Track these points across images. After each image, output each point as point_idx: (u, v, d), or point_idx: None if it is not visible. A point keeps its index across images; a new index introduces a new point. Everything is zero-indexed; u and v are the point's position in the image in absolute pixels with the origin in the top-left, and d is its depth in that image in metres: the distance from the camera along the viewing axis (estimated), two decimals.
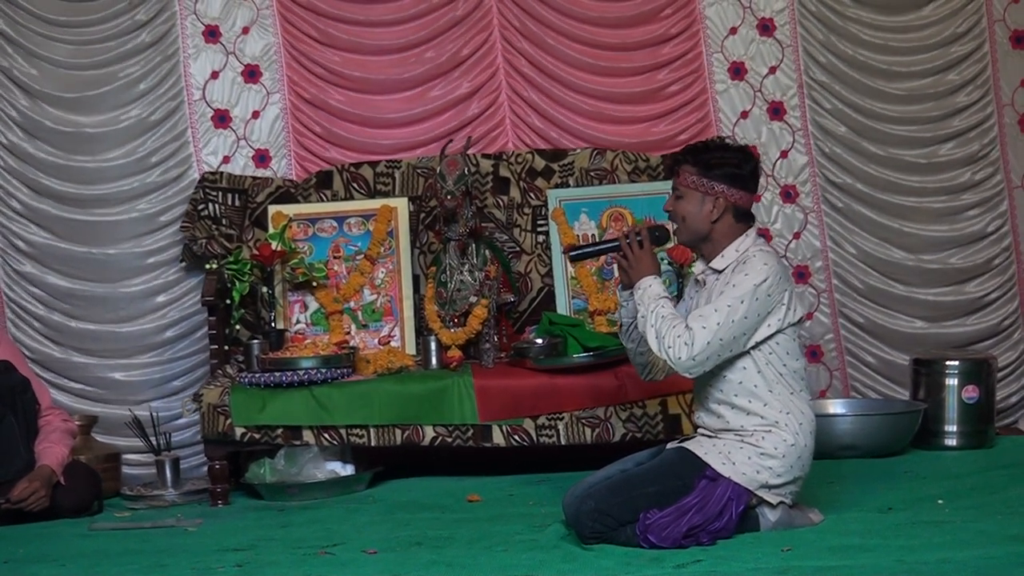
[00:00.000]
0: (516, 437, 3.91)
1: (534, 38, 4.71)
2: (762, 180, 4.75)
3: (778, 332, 3.02)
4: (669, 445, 3.16)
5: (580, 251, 3.31)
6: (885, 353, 4.76)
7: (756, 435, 3.01)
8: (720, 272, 3.07)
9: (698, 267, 3.16)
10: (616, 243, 3.15)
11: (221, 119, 4.67)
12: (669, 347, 2.95)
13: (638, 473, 3.05)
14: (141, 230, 4.61)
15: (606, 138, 4.67)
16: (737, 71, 4.76)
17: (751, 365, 3.02)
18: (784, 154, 4.77)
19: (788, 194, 4.77)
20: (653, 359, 3.23)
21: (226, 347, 4.27)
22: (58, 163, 4.59)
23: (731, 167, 3.06)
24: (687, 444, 3.08)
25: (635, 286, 3.08)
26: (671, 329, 2.96)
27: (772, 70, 4.76)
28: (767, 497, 3.02)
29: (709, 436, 3.09)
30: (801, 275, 4.76)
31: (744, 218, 3.10)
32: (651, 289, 3.04)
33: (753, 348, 3.01)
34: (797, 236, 4.76)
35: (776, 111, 4.77)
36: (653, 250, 3.12)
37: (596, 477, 3.12)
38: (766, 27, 4.76)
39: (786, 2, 4.76)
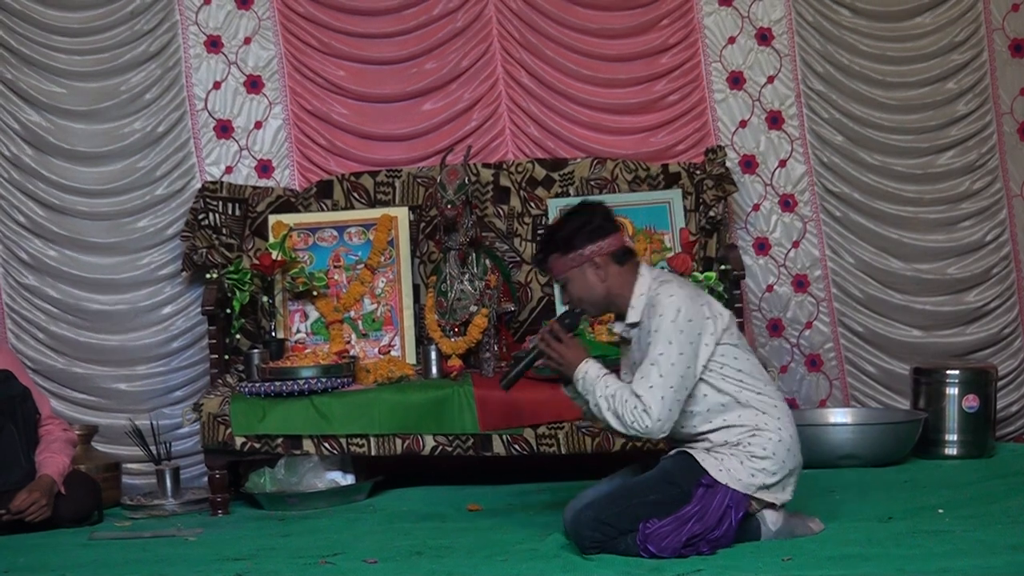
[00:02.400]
0: (516, 446, 3.91)
1: (533, 49, 4.73)
2: (761, 189, 4.78)
3: (717, 344, 3.01)
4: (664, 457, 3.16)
5: (509, 377, 3.21)
6: (885, 362, 4.76)
7: (742, 443, 3.01)
8: (638, 325, 3.07)
9: (617, 327, 3.16)
10: (536, 351, 3.11)
11: (224, 129, 4.68)
12: (632, 422, 2.95)
13: (637, 482, 3.05)
14: (148, 243, 4.62)
15: (604, 149, 4.68)
16: (736, 80, 4.77)
17: (709, 389, 3.02)
18: (782, 163, 4.78)
19: (787, 203, 4.78)
20: None
21: (226, 356, 4.27)
22: (62, 176, 4.60)
23: (584, 227, 3.06)
24: (688, 451, 3.08)
25: (575, 378, 3.05)
26: (624, 405, 2.95)
27: (770, 79, 4.78)
28: (767, 498, 3.02)
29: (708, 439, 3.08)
30: (800, 284, 4.76)
31: (626, 257, 3.09)
32: (589, 375, 3.02)
33: (703, 372, 3.00)
34: (796, 245, 4.77)
35: (774, 120, 4.78)
36: (572, 336, 3.09)
37: (595, 488, 3.12)
38: (764, 36, 4.78)
39: (784, 12, 4.78)
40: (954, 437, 4.34)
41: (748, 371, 3.05)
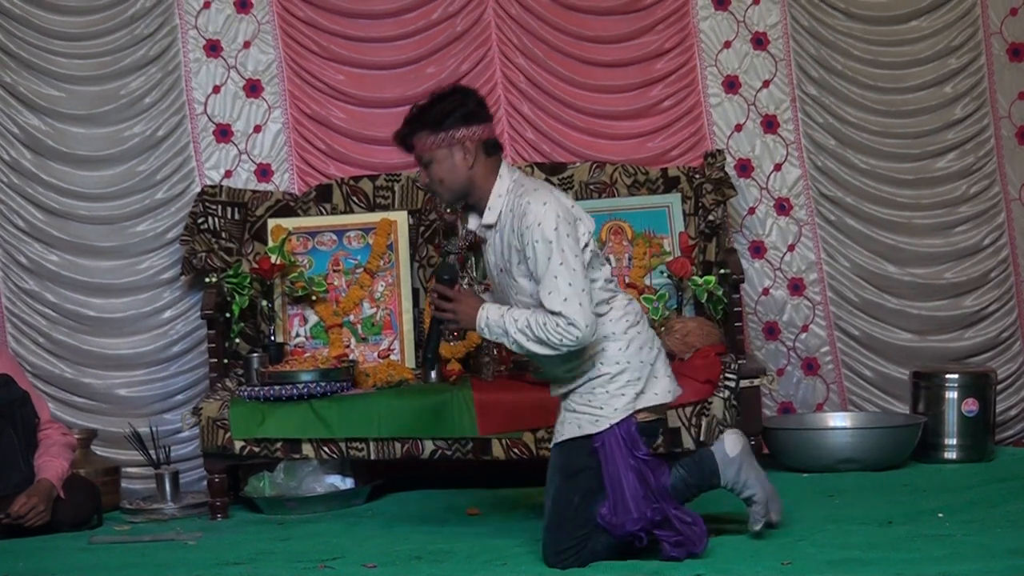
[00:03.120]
0: (516, 450, 3.91)
1: (531, 54, 4.73)
2: (756, 192, 4.78)
3: (584, 246, 2.95)
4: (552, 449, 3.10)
5: (426, 355, 3.23)
6: (882, 366, 4.76)
7: (596, 366, 2.96)
8: (494, 227, 3.01)
9: (472, 222, 3.08)
10: (433, 320, 3.07)
11: (223, 133, 4.69)
12: (561, 341, 2.88)
13: (556, 496, 3.01)
14: (147, 247, 4.62)
15: (599, 155, 4.69)
16: (731, 85, 4.78)
17: None
18: (778, 167, 4.79)
19: (782, 207, 4.78)
20: None
21: (225, 361, 4.27)
22: (61, 180, 4.61)
23: (459, 108, 3.00)
24: (559, 438, 3.04)
25: (479, 329, 2.97)
26: (544, 329, 2.88)
27: (766, 84, 4.78)
28: (649, 403, 2.98)
29: (564, 407, 3.03)
30: (796, 287, 4.77)
31: (495, 150, 3.04)
32: (491, 320, 2.95)
33: None
34: (791, 249, 4.78)
35: (769, 124, 4.79)
36: (458, 289, 3.04)
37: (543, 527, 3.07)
38: (760, 41, 4.78)
39: (779, 16, 4.78)
40: (953, 441, 4.34)
41: (602, 277, 3.00)
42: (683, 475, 3.03)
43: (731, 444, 3.04)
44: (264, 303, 4.33)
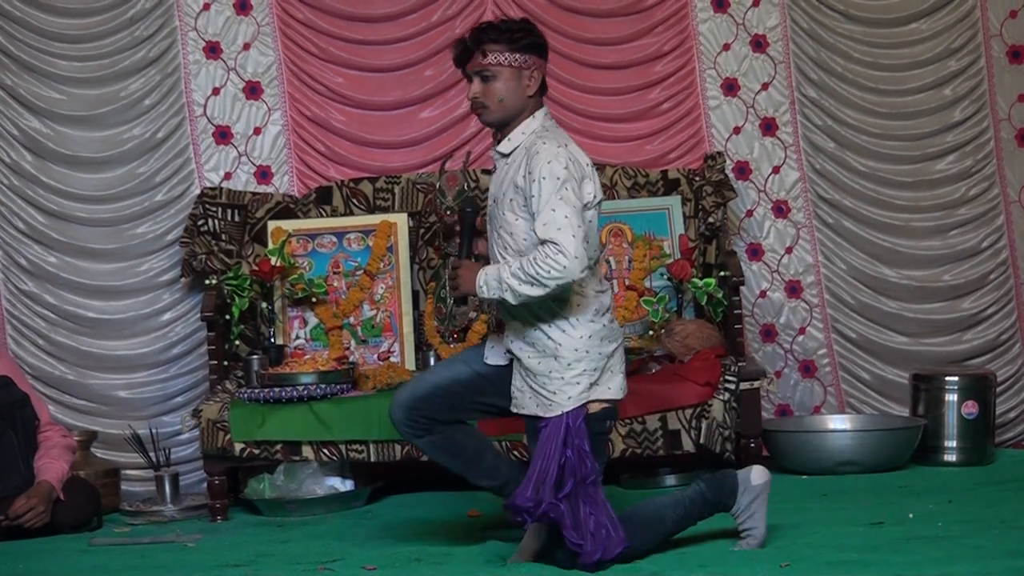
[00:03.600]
0: (515, 452, 3.90)
1: None
2: (754, 195, 4.79)
3: (585, 206, 2.92)
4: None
5: (450, 320, 3.22)
6: (879, 369, 4.76)
7: (555, 343, 2.92)
8: (506, 157, 3.01)
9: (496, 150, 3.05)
10: (447, 294, 3.05)
11: (222, 135, 4.69)
12: (549, 271, 2.81)
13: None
14: (147, 249, 4.62)
15: (599, 157, 4.67)
16: (730, 87, 4.78)
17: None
18: (776, 170, 4.79)
19: (780, 209, 4.79)
20: None
21: (225, 363, 4.27)
22: (61, 182, 4.61)
23: (539, 38, 3.02)
24: (521, 410, 3.00)
25: (478, 288, 2.92)
26: (533, 263, 2.83)
27: (765, 86, 4.79)
28: (604, 395, 2.95)
29: (523, 376, 3.00)
30: (793, 290, 4.77)
31: (544, 90, 3.06)
32: (488, 273, 2.90)
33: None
34: (789, 251, 4.78)
35: (768, 127, 4.79)
36: (462, 260, 3.01)
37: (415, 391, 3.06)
38: (759, 43, 4.79)
39: (779, 19, 4.79)
40: (953, 444, 4.34)
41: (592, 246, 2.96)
42: (702, 489, 3.04)
43: (757, 474, 3.06)
44: (264, 305, 4.33)
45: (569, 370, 2.94)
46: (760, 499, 3.05)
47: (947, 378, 4.38)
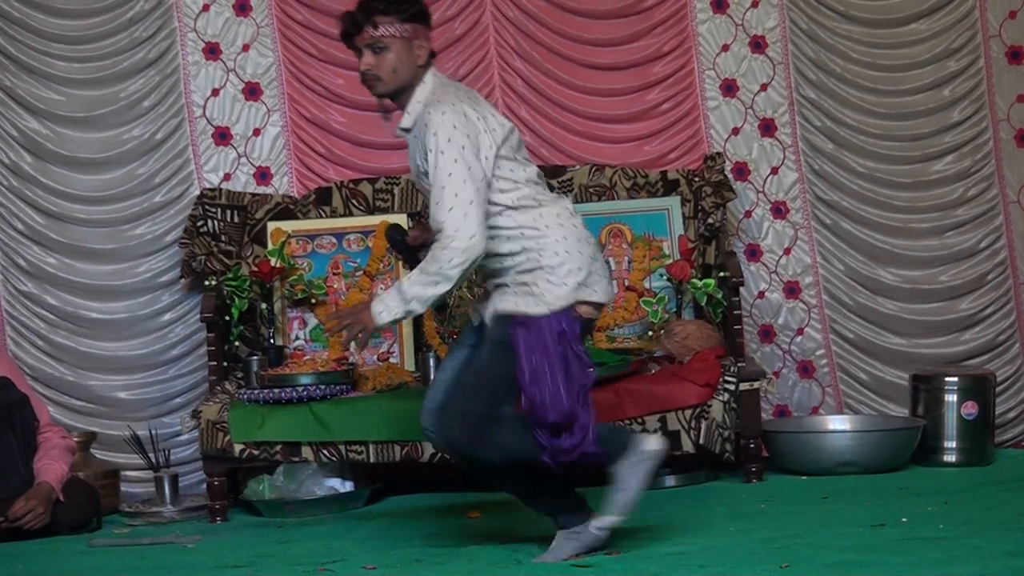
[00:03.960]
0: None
1: (529, 58, 4.74)
2: (753, 196, 4.79)
3: (496, 158, 2.91)
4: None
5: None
6: (877, 370, 4.76)
7: (536, 258, 2.90)
8: (410, 131, 3.00)
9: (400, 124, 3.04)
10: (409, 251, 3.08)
11: (222, 136, 4.69)
12: (448, 260, 2.80)
13: (474, 363, 2.92)
14: (146, 250, 4.62)
15: (598, 158, 4.69)
16: (729, 88, 4.78)
17: (499, 219, 2.91)
18: (775, 170, 4.79)
19: (778, 210, 4.79)
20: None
21: (225, 364, 4.27)
22: (60, 183, 4.61)
23: (420, 6, 3.02)
24: (488, 311, 2.93)
25: (377, 315, 2.87)
26: (431, 260, 2.83)
27: (763, 87, 4.79)
28: (589, 297, 2.92)
29: (497, 287, 2.98)
30: (792, 291, 4.77)
31: (433, 57, 3.05)
32: (384, 297, 2.88)
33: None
34: (787, 252, 4.78)
35: (767, 128, 4.79)
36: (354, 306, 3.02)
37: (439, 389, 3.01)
38: (758, 44, 4.79)
39: (778, 19, 4.79)
40: (953, 444, 4.34)
41: (524, 180, 2.96)
42: (610, 427, 2.99)
43: (654, 442, 2.97)
44: (263, 306, 4.33)
45: (554, 273, 2.89)
46: (644, 470, 2.93)
47: (947, 378, 4.38)
